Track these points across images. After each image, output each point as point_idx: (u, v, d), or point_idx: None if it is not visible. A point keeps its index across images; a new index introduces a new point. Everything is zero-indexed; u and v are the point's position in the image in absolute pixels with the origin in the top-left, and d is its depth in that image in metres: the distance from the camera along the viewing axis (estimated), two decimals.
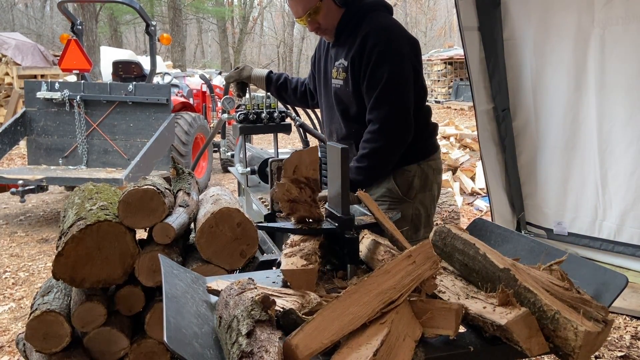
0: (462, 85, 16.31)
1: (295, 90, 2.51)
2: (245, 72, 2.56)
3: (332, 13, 2.02)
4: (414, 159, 2.09)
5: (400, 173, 2.07)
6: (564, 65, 3.57)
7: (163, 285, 1.18)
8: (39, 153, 5.79)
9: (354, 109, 2.07)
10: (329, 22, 2.05)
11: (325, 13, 2.01)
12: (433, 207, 2.17)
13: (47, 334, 1.59)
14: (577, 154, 3.66)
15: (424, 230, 2.12)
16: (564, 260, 1.23)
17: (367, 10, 2.02)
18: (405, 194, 2.07)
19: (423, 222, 2.12)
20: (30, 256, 4.57)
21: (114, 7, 19.76)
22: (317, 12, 2.00)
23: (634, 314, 3.16)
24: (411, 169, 2.08)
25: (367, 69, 1.94)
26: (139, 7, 6.62)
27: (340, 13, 2.03)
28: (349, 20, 2.02)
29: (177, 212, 1.73)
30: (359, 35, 1.98)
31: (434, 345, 1.13)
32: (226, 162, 7.80)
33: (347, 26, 2.03)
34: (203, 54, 35.20)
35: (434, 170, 2.14)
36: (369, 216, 1.87)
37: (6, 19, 24.81)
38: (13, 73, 10.99)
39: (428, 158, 2.13)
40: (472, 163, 6.85)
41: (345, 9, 2.02)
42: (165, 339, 0.98)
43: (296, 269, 1.23)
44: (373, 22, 1.98)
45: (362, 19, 2.00)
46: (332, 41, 2.12)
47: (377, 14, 2.02)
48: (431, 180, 2.12)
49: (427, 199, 2.12)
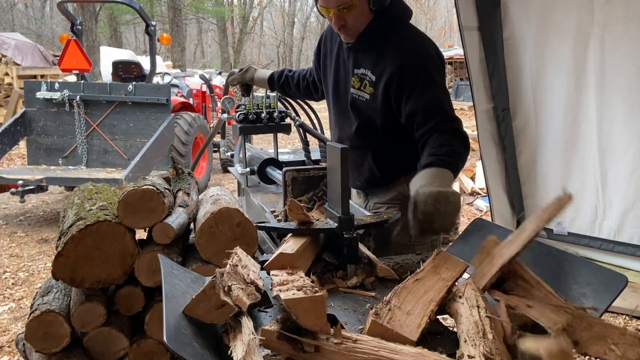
0: (462, 85, 16.31)
1: (298, 85, 2.45)
2: (249, 74, 2.52)
3: (363, 16, 1.89)
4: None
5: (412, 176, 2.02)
6: (564, 65, 3.57)
7: (163, 286, 1.18)
8: (38, 153, 5.79)
9: (379, 122, 1.99)
10: (357, 24, 1.91)
11: (357, 13, 1.87)
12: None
13: (47, 334, 1.59)
14: (577, 154, 3.66)
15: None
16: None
17: (397, 21, 1.93)
18: None
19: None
20: (30, 256, 4.57)
21: (113, 7, 19.77)
22: (350, 9, 1.84)
23: (634, 314, 3.16)
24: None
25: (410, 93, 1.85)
26: (139, 7, 6.62)
27: (370, 17, 1.90)
28: (378, 28, 1.92)
29: (177, 212, 1.73)
30: (389, 48, 1.90)
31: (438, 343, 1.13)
32: (226, 162, 7.80)
33: (374, 34, 1.92)
34: (203, 54, 35.20)
35: None
36: (369, 216, 1.88)
37: (6, 19, 24.82)
38: (13, 73, 10.99)
39: None
40: (472, 163, 6.85)
41: (375, 15, 1.90)
42: (165, 339, 0.98)
43: (303, 297, 1.04)
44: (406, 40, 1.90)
45: (390, 28, 1.92)
46: (351, 42, 1.99)
47: (405, 28, 1.94)
48: None
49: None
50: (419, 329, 1.09)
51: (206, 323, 1.14)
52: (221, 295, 1.11)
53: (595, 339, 1.04)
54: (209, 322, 1.14)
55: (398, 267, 1.55)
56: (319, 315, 1.03)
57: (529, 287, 1.23)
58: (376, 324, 1.06)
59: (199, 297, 1.14)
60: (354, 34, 1.94)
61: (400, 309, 1.14)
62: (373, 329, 1.06)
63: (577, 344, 1.05)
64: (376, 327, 1.07)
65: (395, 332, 1.06)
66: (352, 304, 1.34)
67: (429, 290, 1.24)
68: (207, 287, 1.14)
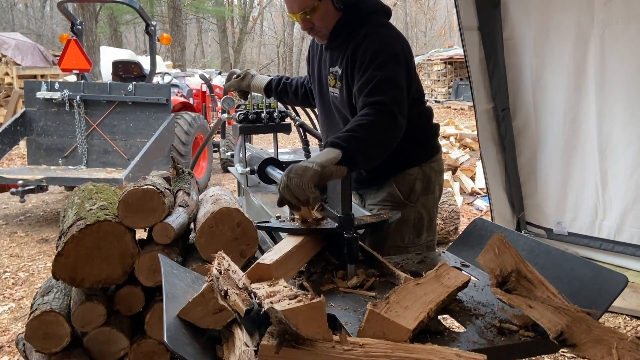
0: (462, 85, 16.31)
1: (296, 93, 2.45)
2: (245, 81, 2.51)
3: (330, 15, 1.90)
4: (416, 161, 2.04)
5: (402, 177, 2.03)
6: (564, 65, 3.57)
7: (163, 285, 1.18)
8: (38, 153, 5.79)
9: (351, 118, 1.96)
10: (325, 25, 1.92)
11: (322, 14, 1.88)
12: (435, 209, 2.12)
13: (47, 334, 1.59)
14: (577, 153, 3.66)
15: (426, 234, 2.07)
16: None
17: (366, 15, 1.92)
18: (407, 197, 2.03)
19: (426, 226, 2.07)
20: (30, 256, 4.57)
21: (114, 7, 19.76)
22: (314, 11, 1.87)
23: (634, 314, 3.16)
24: (413, 172, 2.03)
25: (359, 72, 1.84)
26: (139, 7, 6.61)
27: (337, 16, 1.91)
28: (346, 25, 1.92)
29: (177, 212, 1.73)
30: (353, 40, 1.89)
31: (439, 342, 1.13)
32: (226, 162, 7.80)
33: (343, 30, 1.93)
34: (203, 54, 35.20)
35: (435, 172, 2.09)
36: (369, 216, 1.88)
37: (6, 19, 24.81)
38: (13, 73, 10.99)
39: (430, 160, 2.08)
40: (472, 163, 6.85)
41: (343, 12, 1.91)
42: (165, 339, 0.98)
43: (301, 306, 0.99)
44: (368, 26, 1.89)
45: (359, 23, 1.91)
46: (324, 44, 2.02)
47: (374, 18, 1.93)
48: (433, 182, 2.08)
49: (430, 201, 2.07)
50: (415, 321, 1.10)
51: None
52: (219, 299, 1.10)
53: (594, 342, 1.04)
54: (205, 327, 1.11)
55: (399, 268, 1.55)
56: (319, 323, 1.00)
57: (532, 287, 1.23)
58: (373, 313, 1.07)
59: (196, 301, 1.11)
60: (324, 34, 1.96)
61: (398, 304, 1.15)
62: (370, 319, 1.07)
63: (576, 346, 1.05)
64: (373, 316, 1.07)
65: (392, 321, 1.06)
66: (352, 304, 1.34)
67: (430, 293, 1.25)
68: (205, 290, 1.11)
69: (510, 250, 1.31)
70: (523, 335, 1.16)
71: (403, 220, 1.97)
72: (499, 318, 1.25)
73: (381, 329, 1.06)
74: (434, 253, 1.79)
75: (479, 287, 1.43)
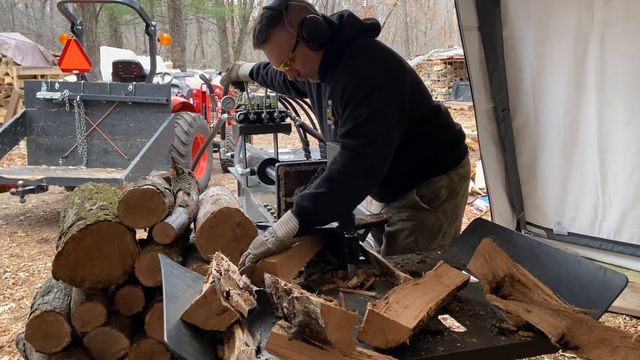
0: (462, 85, 16.31)
1: (272, 81, 2.40)
2: (234, 72, 2.54)
3: (310, 58, 1.83)
4: (443, 169, 1.97)
5: (427, 185, 1.95)
6: (564, 65, 3.57)
7: (163, 285, 1.18)
8: (39, 153, 5.79)
9: None
10: (309, 68, 1.86)
11: (302, 61, 1.83)
12: (455, 214, 2.03)
13: (47, 334, 1.59)
14: (577, 153, 3.66)
15: (440, 238, 2.00)
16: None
17: (345, 44, 1.82)
18: (429, 204, 1.95)
19: (443, 231, 2.00)
20: (30, 256, 4.57)
21: (114, 7, 19.75)
22: (293, 61, 1.82)
23: (634, 314, 3.16)
24: (439, 180, 1.95)
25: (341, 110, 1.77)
26: (139, 7, 6.61)
27: (319, 56, 1.84)
28: (330, 60, 1.83)
29: (177, 212, 1.73)
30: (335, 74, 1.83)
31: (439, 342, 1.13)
32: (226, 162, 7.80)
33: (329, 66, 1.85)
34: (203, 54, 35.20)
35: (461, 178, 2.02)
36: (369, 216, 1.88)
37: (6, 19, 24.81)
38: (13, 73, 10.98)
39: (457, 166, 2.01)
40: (472, 163, 6.85)
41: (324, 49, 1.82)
42: (165, 339, 0.98)
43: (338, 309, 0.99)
44: (347, 58, 1.80)
45: (343, 51, 1.83)
46: (318, 81, 1.96)
47: (355, 45, 1.81)
48: (458, 187, 2.01)
49: (450, 207, 2.00)
50: (415, 320, 1.10)
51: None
52: (222, 300, 1.10)
53: (597, 343, 1.04)
54: (209, 328, 1.11)
55: (399, 268, 1.55)
56: (346, 333, 1.00)
57: (527, 291, 1.23)
58: (373, 313, 1.07)
59: (200, 303, 1.10)
60: (313, 75, 1.90)
61: (398, 303, 1.15)
62: (370, 319, 1.07)
63: (579, 348, 1.05)
64: (373, 316, 1.07)
65: (392, 321, 1.07)
66: (352, 304, 1.34)
67: (429, 293, 1.25)
68: (207, 292, 1.10)
69: (500, 254, 1.30)
70: (523, 335, 1.16)
71: (420, 225, 1.93)
72: (498, 318, 1.25)
73: (381, 329, 1.06)
74: (434, 253, 1.79)
75: (478, 287, 1.43)
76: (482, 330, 1.20)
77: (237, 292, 1.13)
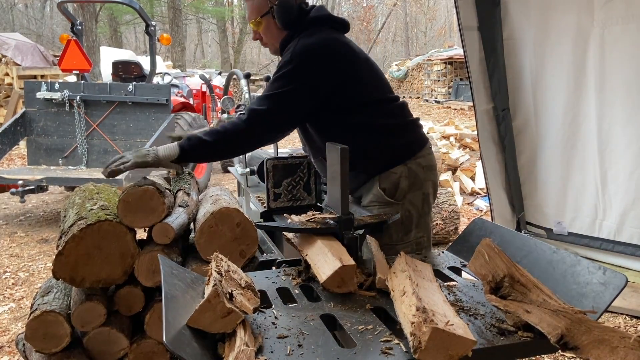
0: (462, 85, 16.31)
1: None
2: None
3: (272, 32, 2.04)
4: (400, 159, 2.01)
5: (386, 177, 2.00)
6: (564, 65, 3.57)
7: (163, 286, 1.18)
8: (38, 153, 5.79)
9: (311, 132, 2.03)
10: (270, 40, 2.07)
11: (265, 30, 2.05)
12: (426, 205, 2.08)
13: (47, 334, 1.59)
14: (577, 153, 3.66)
15: (415, 230, 2.03)
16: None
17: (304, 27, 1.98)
18: (392, 196, 2.00)
19: (414, 223, 2.03)
20: (30, 256, 4.57)
21: (114, 7, 19.74)
22: (258, 25, 2.04)
23: (634, 314, 3.16)
24: (397, 171, 2.00)
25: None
26: (139, 7, 6.61)
27: (282, 34, 2.03)
28: (289, 40, 2.00)
29: (177, 212, 1.73)
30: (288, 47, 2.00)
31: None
32: (226, 162, 7.80)
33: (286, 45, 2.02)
34: (203, 54, 35.20)
35: (424, 168, 2.04)
36: (369, 216, 1.88)
37: (6, 19, 24.81)
38: (13, 73, 10.98)
39: (415, 156, 2.04)
40: (472, 163, 6.85)
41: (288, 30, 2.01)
42: (164, 339, 0.98)
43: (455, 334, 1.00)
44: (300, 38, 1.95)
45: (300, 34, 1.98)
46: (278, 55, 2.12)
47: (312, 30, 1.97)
48: (422, 178, 2.03)
49: (418, 198, 2.03)
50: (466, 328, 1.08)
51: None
52: (226, 302, 1.09)
53: (596, 343, 1.03)
54: (215, 332, 1.10)
55: None
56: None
57: (526, 291, 1.23)
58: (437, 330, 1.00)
59: (204, 307, 1.10)
60: (273, 48, 2.10)
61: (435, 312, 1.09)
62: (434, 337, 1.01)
63: (578, 348, 1.04)
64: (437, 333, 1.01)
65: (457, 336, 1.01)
66: (352, 304, 1.34)
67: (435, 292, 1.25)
68: (210, 295, 1.10)
69: (500, 255, 1.30)
70: (522, 335, 1.16)
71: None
72: (498, 318, 1.25)
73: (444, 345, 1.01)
74: (433, 253, 1.79)
75: (478, 287, 1.43)
76: (482, 330, 1.20)
77: (239, 292, 1.13)
